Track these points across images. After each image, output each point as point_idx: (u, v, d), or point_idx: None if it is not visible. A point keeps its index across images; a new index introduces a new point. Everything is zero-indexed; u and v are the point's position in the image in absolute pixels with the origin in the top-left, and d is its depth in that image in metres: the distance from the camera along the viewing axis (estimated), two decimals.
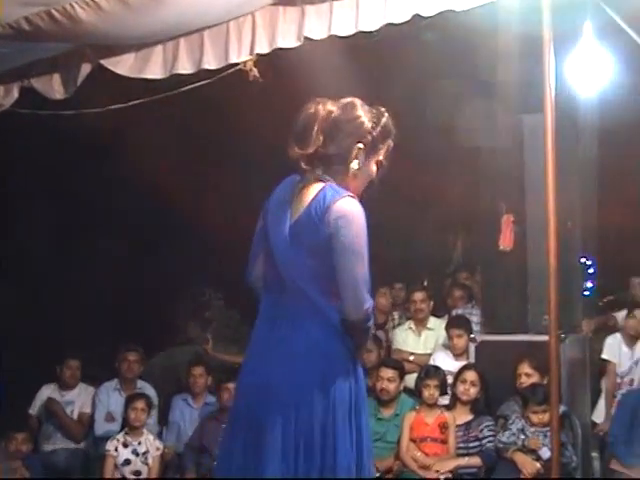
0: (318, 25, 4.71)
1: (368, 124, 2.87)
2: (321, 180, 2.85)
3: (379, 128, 2.88)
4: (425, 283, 7.69)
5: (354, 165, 2.87)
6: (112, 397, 6.33)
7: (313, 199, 2.82)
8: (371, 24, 4.63)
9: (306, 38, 4.70)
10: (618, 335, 6.17)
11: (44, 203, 8.27)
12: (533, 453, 5.08)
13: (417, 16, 4.50)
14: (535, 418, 5.14)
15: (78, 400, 6.39)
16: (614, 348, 6.10)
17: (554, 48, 4.27)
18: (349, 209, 2.77)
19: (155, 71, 5.06)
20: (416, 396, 5.64)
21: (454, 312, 6.71)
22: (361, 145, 2.86)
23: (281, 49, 4.81)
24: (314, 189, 2.84)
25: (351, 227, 2.75)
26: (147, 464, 5.75)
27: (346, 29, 4.67)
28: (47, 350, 6.99)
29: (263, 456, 2.80)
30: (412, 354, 6.41)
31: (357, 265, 2.75)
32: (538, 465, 5.03)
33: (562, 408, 4.95)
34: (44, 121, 5.50)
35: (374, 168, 2.93)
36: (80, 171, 8.10)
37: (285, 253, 2.84)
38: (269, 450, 2.79)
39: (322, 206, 2.78)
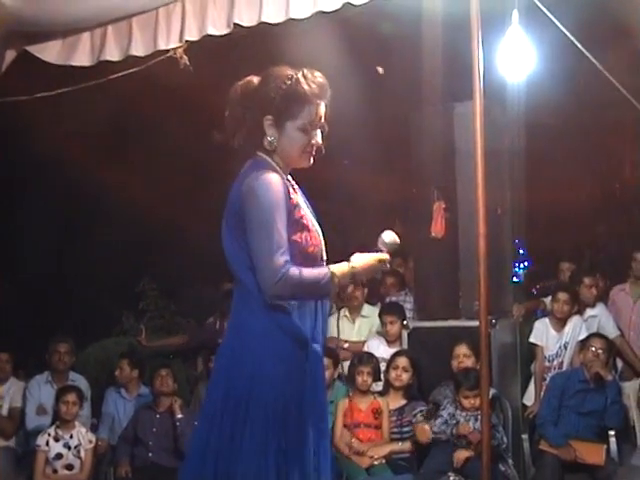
0: (248, 12, 4.70)
1: (270, 93, 2.74)
2: (252, 157, 2.79)
3: (285, 94, 2.73)
4: None
5: (266, 140, 2.76)
6: (43, 390, 6.22)
7: (236, 180, 2.77)
8: (302, 12, 4.64)
9: (236, 25, 4.69)
10: (546, 319, 6.28)
11: None
12: (464, 438, 5.15)
13: (348, 4, 4.52)
14: (467, 403, 5.21)
15: (8, 395, 6.25)
16: (542, 332, 6.21)
17: (482, 36, 4.32)
18: (253, 185, 2.68)
19: (82, 58, 5.00)
20: (349, 383, 5.67)
21: (387, 299, 6.76)
22: (270, 117, 2.75)
23: (211, 36, 4.79)
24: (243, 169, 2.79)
25: (253, 202, 2.65)
26: (80, 457, 5.66)
27: (276, 16, 4.68)
28: None
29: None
30: (346, 342, 6.44)
31: (262, 238, 2.62)
32: (467, 454, 5.09)
33: (492, 391, 5.03)
34: None
35: (302, 135, 2.77)
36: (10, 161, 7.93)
37: (224, 240, 2.78)
38: (195, 442, 2.81)
39: (237, 186, 2.74)
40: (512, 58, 4.94)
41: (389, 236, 2.93)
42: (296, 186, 2.89)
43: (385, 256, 2.89)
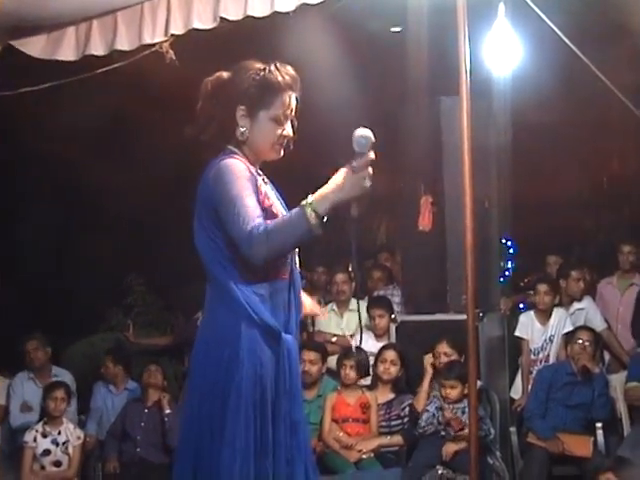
0: (234, 5, 4.70)
1: (243, 84, 2.75)
2: (222, 151, 2.78)
3: (258, 84, 2.73)
4: (350, 267, 7.70)
5: (238, 131, 2.76)
6: (27, 387, 6.21)
7: (204, 172, 2.76)
8: (287, 4, 4.63)
9: (222, 19, 4.68)
10: (531, 313, 6.29)
11: None
12: (450, 426, 5.16)
13: None
14: (442, 392, 5.22)
15: None
16: (527, 325, 6.22)
17: (468, 30, 4.32)
18: (218, 169, 2.68)
19: (67, 53, 4.98)
20: (338, 377, 5.68)
21: (375, 293, 6.76)
22: (242, 107, 2.75)
23: (197, 30, 4.78)
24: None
25: (220, 183, 2.65)
26: (67, 454, 5.66)
27: (262, 10, 4.67)
28: None
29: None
30: (334, 336, 6.45)
31: (233, 212, 2.59)
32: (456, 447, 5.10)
33: (478, 383, 5.05)
34: None
35: (274, 125, 2.77)
36: None
37: (196, 237, 2.77)
38: (179, 444, 2.80)
39: (204, 178, 2.74)
40: (498, 52, 4.95)
41: (363, 131, 2.57)
42: (266, 179, 2.88)
43: (362, 162, 2.55)
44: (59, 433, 5.66)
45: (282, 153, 2.84)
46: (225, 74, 2.83)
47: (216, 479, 2.64)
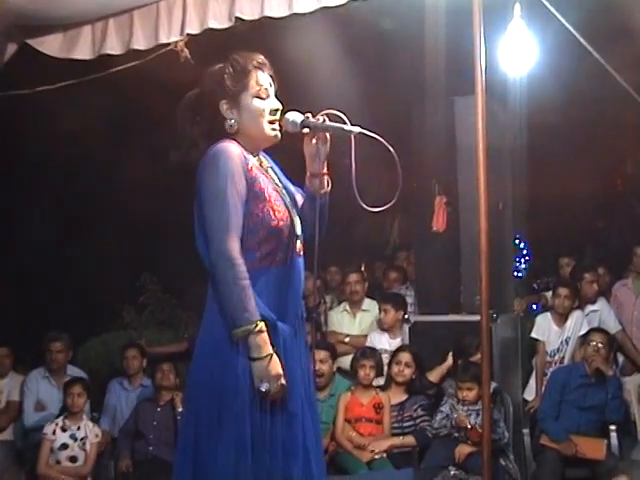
0: (250, 5, 4.69)
1: (217, 82, 2.81)
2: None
3: (230, 75, 2.80)
4: (363, 267, 7.71)
5: (227, 124, 2.80)
6: (41, 385, 6.20)
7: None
8: (305, 6, 4.63)
9: (237, 19, 4.68)
10: (548, 314, 6.28)
11: None
12: (464, 430, 5.14)
13: None
14: (459, 394, 5.21)
15: (6, 389, 6.24)
16: (544, 327, 6.21)
17: (484, 30, 4.31)
18: (207, 158, 2.71)
19: (84, 51, 4.99)
20: (352, 377, 5.67)
21: None
22: (224, 101, 2.80)
23: (212, 29, 4.78)
24: None
25: (204, 174, 2.70)
26: (85, 450, 5.66)
27: (279, 10, 4.67)
28: None
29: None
30: (347, 336, 6.44)
31: (217, 209, 2.65)
32: (469, 449, 5.09)
33: (493, 385, 5.03)
34: None
35: (259, 102, 2.81)
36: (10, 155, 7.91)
37: (196, 238, 2.80)
38: (179, 441, 2.82)
39: (198, 169, 2.76)
40: (514, 52, 4.93)
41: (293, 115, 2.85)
42: (268, 162, 2.91)
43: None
44: (78, 429, 5.67)
45: (280, 135, 2.85)
46: (193, 91, 2.89)
47: (214, 476, 2.66)
